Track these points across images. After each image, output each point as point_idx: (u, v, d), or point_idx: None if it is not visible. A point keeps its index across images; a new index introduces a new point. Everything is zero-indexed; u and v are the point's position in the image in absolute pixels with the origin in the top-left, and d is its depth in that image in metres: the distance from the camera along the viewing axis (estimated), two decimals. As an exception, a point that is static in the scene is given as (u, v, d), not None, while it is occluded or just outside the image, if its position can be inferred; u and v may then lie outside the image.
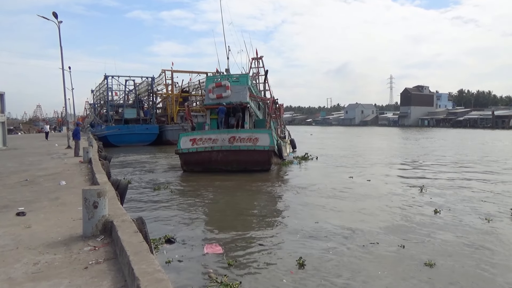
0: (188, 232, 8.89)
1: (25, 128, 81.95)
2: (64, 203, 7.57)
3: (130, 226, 5.05)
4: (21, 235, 5.39)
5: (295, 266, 6.75)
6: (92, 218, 5.19)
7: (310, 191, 13.76)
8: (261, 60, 27.52)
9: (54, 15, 22.81)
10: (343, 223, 9.44)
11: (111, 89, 48.36)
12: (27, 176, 11.48)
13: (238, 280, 6.11)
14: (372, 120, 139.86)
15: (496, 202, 11.64)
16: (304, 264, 6.75)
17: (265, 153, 18.30)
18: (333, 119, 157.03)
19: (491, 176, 17.13)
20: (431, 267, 6.59)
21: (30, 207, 7.15)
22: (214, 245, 7.73)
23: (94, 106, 59.57)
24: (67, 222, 6.03)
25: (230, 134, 18.60)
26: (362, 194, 13.13)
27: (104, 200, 5.30)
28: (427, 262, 6.72)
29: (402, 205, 11.32)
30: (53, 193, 8.70)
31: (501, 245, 7.79)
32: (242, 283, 6.04)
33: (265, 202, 12.53)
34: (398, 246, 7.67)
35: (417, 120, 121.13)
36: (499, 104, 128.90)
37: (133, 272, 3.48)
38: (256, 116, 21.36)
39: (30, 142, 33.04)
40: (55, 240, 5.15)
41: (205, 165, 18.68)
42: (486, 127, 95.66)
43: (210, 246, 7.67)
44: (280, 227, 9.42)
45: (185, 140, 19.04)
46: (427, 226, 9.16)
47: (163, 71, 47.68)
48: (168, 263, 6.78)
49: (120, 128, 42.34)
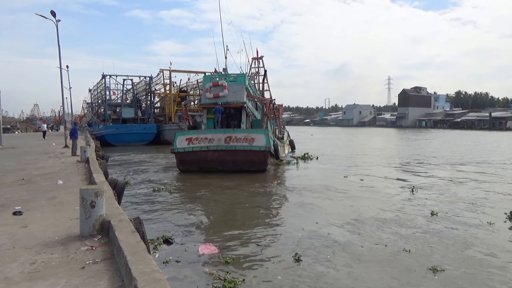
0: (186, 232, 8.87)
1: (22, 127, 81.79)
2: (61, 202, 7.54)
3: (128, 226, 5.04)
4: (18, 235, 5.36)
5: (292, 262, 6.85)
6: (89, 218, 5.18)
7: (307, 191, 13.75)
8: (261, 60, 27.53)
9: (52, 13, 22.74)
10: (340, 222, 9.46)
11: (109, 88, 48.34)
12: (24, 175, 11.43)
13: (239, 277, 6.13)
14: (370, 121, 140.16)
15: (493, 205, 11.66)
16: (301, 260, 6.92)
17: (261, 153, 18.24)
18: (331, 119, 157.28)
19: (488, 177, 17.18)
20: (434, 272, 6.43)
21: (27, 206, 7.13)
22: (209, 245, 7.73)
23: (92, 105, 59.49)
24: (64, 222, 6.00)
25: (226, 134, 18.56)
26: (359, 194, 13.15)
27: (102, 199, 5.28)
28: (431, 267, 6.55)
29: (400, 206, 11.33)
30: (50, 192, 8.67)
31: (504, 250, 7.66)
32: (245, 280, 6.06)
33: (261, 202, 12.52)
34: (398, 248, 7.65)
35: (414, 121, 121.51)
36: (496, 106, 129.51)
37: (130, 272, 3.47)
38: (253, 116, 21.32)
39: (27, 141, 32.94)
40: (52, 239, 5.13)
41: (201, 165, 18.63)
42: (484, 128, 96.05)
43: (205, 246, 7.66)
44: (276, 226, 9.42)
45: (181, 139, 18.99)
46: (425, 228, 9.17)
47: (161, 70, 47.68)
48: (165, 263, 6.77)
49: (118, 128, 42.26)
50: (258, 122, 21.00)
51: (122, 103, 47.92)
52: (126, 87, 48.26)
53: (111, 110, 47.25)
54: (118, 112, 46.76)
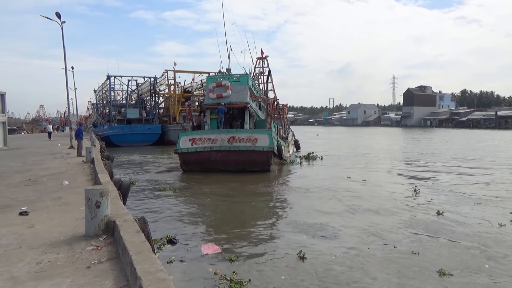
0: (190, 232, 8.88)
1: (28, 128, 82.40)
2: (67, 202, 7.59)
3: (133, 225, 5.07)
4: (24, 235, 5.41)
5: (296, 260, 6.91)
6: (94, 218, 5.21)
7: (310, 191, 13.73)
8: (266, 60, 27.50)
9: (57, 15, 22.88)
10: (345, 223, 9.44)
11: (114, 89, 48.58)
12: (30, 176, 11.52)
13: (244, 277, 6.14)
14: (375, 120, 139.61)
15: (501, 205, 11.56)
16: (305, 258, 6.98)
17: (264, 153, 18.20)
18: (335, 119, 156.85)
19: (494, 177, 17.06)
20: (441, 276, 6.30)
21: (33, 207, 7.19)
22: (212, 244, 7.73)
23: (97, 106, 59.81)
24: (69, 222, 6.05)
25: (230, 134, 18.54)
26: (363, 194, 13.10)
27: (107, 199, 5.31)
28: (439, 270, 6.41)
29: (405, 206, 11.28)
30: (56, 192, 8.74)
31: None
32: (251, 280, 6.06)
33: (265, 201, 12.52)
34: (406, 249, 7.55)
35: (419, 120, 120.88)
36: (502, 105, 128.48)
37: (135, 271, 3.49)
38: (257, 116, 21.29)
39: (33, 141, 33.17)
40: (58, 239, 5.17)
41: (204, 165, 18.62)
42: (489, 127, 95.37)
43: (208, 246, 7.66)
44: (280, 225, 9.42)
45: (184, 139, 18.99)
46: (432, 228, 9.11)
47: (165, 71, 47.78)
48: (169, 263, 6.79)
49: (123, 128, 42.43)
50: (262, 122, 20.97)
51: (126, 103, 48.11)
52: (130, 88, 48.48)
53: (116, 110, 47.46)
54: (123, 112, 46.95)
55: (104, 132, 42.42)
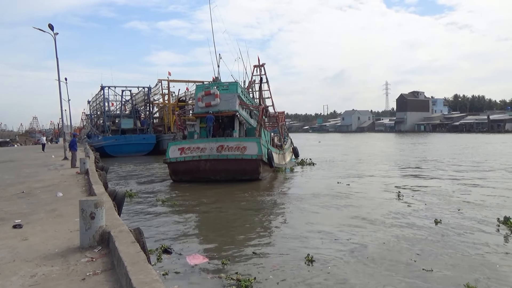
0: (184, 242, 8.85)
1: (22, 139, 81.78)
2: (61, 214, 7.54)
3: (128, 236, 5.05)
4: (18, 248, 5.37)
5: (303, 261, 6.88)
6: (89, 229, 5.19)
7: (300, 198, 13.79)
8: (263, 67, 27.58)
9: (50, 27, 22.91)
10: (337, 228, 9.47)
11: (108, 99, 48.48)
12: (23, 188, 11.44)
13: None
14: (369, 126, 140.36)
15: (499, 210, 11.49)
16: (314, 260, 7.14)
17: (253, 162, 17.97)
18: (329, 126, 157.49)
19: (486, 182, 17.20)
20: None
21: (27, 219, 7.13)
22: (196, 255, 7.60)
23: (91, 117, 59.62)
24: (64, 234, 6.01)
25: (218, 143, 18.35)
26: (356, 201, 13.15)
27: (101, 210, 5.29)
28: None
29: (399, 212, 11.33)
30: (50, 204, 8.68)
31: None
32: (257, 278, 6.20)
33: (257, 209, 12.46)
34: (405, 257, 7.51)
35: (413, 125, 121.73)
36: (494, 108, 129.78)
37: (130, 282, 3.48)
38: (248, 124, 21.08)
39: (26, 154, 32.92)
40: (52, 252, 5.13)
41: (194, 175, 18.40)
42: (482, 131, 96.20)
43: (192, 257, 7.51)
44: (273, 232, 9.45)
45: (173, 149, 18.80)
46: (429, 235, 9.15)
47: (159, 81, 47.88)
48: (164, 275, 6.72)
49: (117, 139, 42.30)
50: (253, 130, 20.71)
51: (121, 114, 48.06)
52: (125, 98, 48.47)
53: (110, 121, 47.36)
54: (117, 123, 46.87)
55: (98, 143, 42.25)
